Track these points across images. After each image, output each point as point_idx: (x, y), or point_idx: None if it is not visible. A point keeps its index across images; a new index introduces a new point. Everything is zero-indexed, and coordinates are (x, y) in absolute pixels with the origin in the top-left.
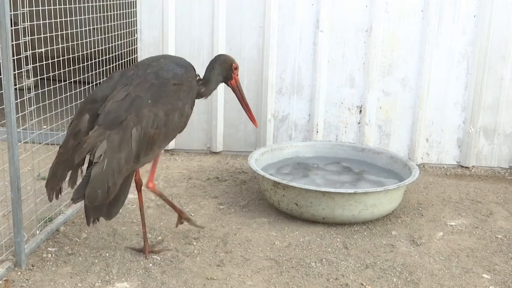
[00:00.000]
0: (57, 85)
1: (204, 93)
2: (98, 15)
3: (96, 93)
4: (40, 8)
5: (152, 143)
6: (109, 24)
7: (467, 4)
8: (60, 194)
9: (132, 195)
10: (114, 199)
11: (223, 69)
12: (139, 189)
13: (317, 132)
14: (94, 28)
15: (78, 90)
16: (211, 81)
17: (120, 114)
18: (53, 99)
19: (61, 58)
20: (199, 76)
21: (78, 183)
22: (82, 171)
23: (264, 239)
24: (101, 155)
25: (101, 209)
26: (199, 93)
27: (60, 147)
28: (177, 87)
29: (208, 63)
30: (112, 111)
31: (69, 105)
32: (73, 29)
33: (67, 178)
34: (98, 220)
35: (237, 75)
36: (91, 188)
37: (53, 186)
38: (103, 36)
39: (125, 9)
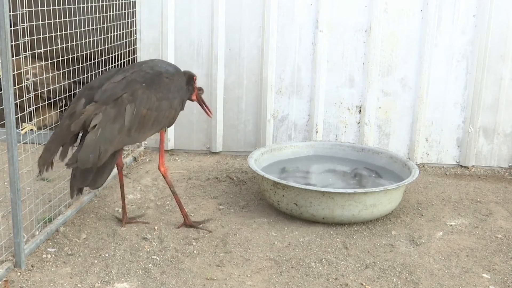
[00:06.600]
0: (57, 85)
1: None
2: (97, 15)
3: (94, 82)
4: (40, 8)
5: (143, 122)
6: (109, 24)
7: (466, 4)
8: (51, 168)
9: (131, 195)
10: (101, 168)
11: (190, 84)
12: (119, 170)
13: (317, 132)
14: (93, 29)
15: (77, 90)
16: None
17: (116, 92)
18: (52, 100)
19: (60, 59)
20: None
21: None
22: (73, 148)
23: (264, 239)
24: (96, 124)
25: (88, 177)
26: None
27: (56, 127)
28: (169, 80)
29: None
30: (109, 90)
31: (69, 106)
32: (72, 30)
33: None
34: (81, 193)
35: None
36: (83, 152)
37: (45, 159)
38: (102, 36)
39: (125, 10)
